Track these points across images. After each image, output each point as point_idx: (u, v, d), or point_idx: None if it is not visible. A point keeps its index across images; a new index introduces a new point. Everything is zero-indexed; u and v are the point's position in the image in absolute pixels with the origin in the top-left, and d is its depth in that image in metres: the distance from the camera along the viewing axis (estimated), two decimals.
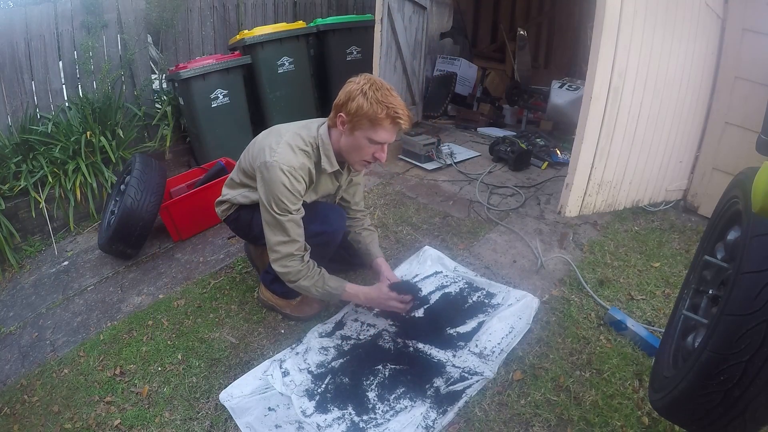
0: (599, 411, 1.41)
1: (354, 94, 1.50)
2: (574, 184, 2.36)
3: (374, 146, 1.57)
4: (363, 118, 1.50)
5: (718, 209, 1.33)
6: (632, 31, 2.14)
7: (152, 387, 1.68)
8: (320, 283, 1.65)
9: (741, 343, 0.87)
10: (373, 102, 1.48)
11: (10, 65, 3.03)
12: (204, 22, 3.81)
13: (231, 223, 1.90)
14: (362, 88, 1.50)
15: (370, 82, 1.51)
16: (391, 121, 1.52)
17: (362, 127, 1.52)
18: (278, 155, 1.54)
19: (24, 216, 2.84)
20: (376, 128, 1.52)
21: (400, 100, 1.53)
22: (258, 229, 1.75)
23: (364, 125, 1.52)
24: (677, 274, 2.01)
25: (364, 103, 1.48)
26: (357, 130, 1.54)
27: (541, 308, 1.82)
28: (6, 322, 2.26)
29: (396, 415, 1.45)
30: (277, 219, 1.56)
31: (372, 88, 1.50)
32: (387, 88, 1.52)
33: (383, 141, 1.56)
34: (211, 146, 3.34)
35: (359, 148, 1.58)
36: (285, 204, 1.55)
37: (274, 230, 1.58)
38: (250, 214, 1.78)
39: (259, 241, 1.91)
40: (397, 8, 3.41)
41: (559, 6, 5.22)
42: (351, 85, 1.54)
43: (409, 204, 2.70)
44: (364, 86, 1.50)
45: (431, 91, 4.30)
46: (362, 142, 1.56)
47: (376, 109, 1.48)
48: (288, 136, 1.62)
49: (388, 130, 1.54)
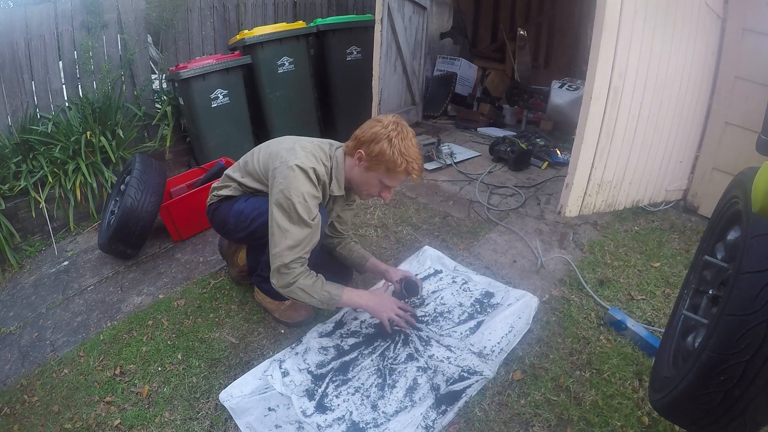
0: (599, 411, 1.42)
1: (379, 138, 1.53)
2: (574, 184, 2.36)
3: (384, 187, 1.63)
4: (382, 164, 1.55)
5: (718, 209, 1.34)
6: (632, 31, 2.14)
7: (152, 387, 1.68)
8: (318, 285, 1.58)
9: (741, 343, 0.87)
10: (396, 153, 1.52)
11: (10, 65, 3.03)
12: (204, 22, 3.81)
13: (209, 213, 1.88)
14: (389, 135, 1.53)
15: (397, 130, 1.55)
16: (406, 174, 1.59)
17: (378, 170, 1.57)
18: (301, 159, 1.53)
19: (24, 216, 2.84)
20: (391, 176, 1.58)
21: (418, 152, 1.59)
22: (232, 223, 1.75)
23: (380, 169, 1.57)
24: (677, 274, 2.01)
25: (387, 151, 1.52)
26: (372, 171, 1.59)
27: (541, 308, 1.82)
28: (6, 322, 2.26)
29: (396, 415, 1.45)
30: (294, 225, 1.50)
31: (398, 137, 1.53)
32: (410, 138, 1.57)
33: (392, 185, 1.63)
34: (211, 146, 3.33)
35: (370, 185, 1.64)
36: (310, 209, 1.51)
37: (286, 235, 1.50)
38: (228, 209, 1.76)
39: (230, 236, 1.91)
40: (397, 8, 3.41)
41: (559, 6, 5.22)
42: (378, 126, 1.56)
43: (409, 204, 2.70)
44: (391, 132, 1.53)
45: (431, 91, 4.30)
46: (374, 181, 1.61)
47: (397, 160, 1.53)
48: (310, 145, 1.63)
49: (401, 180, 1.62)
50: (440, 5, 4.42)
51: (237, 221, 1.73)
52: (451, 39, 4.64)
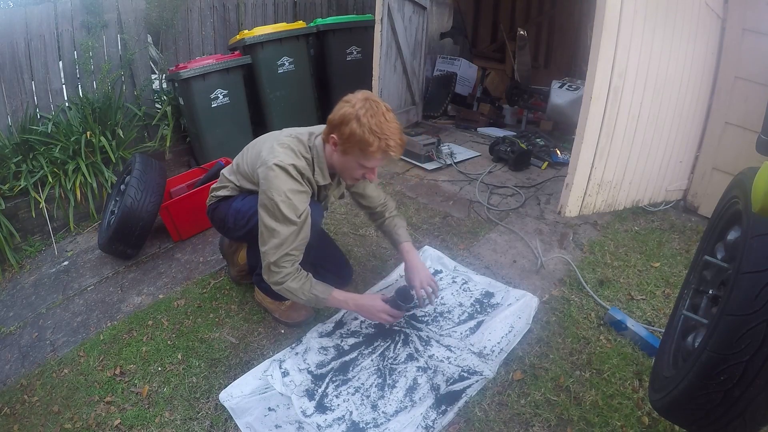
0: (599, 411, 1.42)
1: (348, 119, 1.45)
2: (574, 184, 2.36)
3: (365, 169, 1.55)
4: (355, 146, 1.46)
5: (718, 209, 1.34)
6: (632, 31, 2.14)
7: (152, 387, 1.68)
8: (307, 286, 1.58)
9: (741, 343, 0.87)
10: (366, 131, 1.43)
11: (10, 65, 3.03)
12: (204, 22, 3.81)
13: (209, 213, 1.89)
14: (357, 113, 1.44)
15: (365, 107, 1.44)
16: (382, 153, 1.47)
17: (353, 153, 1.49)
18: (280, 157, 1.51)
19: (24, 216, 2.83)
20: (367, 156, 1.48)
21: (394, 127, 1.47)
22: (231, 222, 1.75)
23: (355, 151, 1.48)
24: (677, 274, 2.01)
25: (357, 131, 1.43)
26: (348, 154, 1.51)
27: (541, 308, 1.82)
28: (6, 322, 2.26)
29: (396, 415, 1.45)
30: (279, 224, 1.49)
31: (367, 115, 1.43)
32: (382, 113, 1.46)
33: (374, 166, 1.55)
34: (211, 146, 3.34)
35: (350, 169, 1.56)
36: (295, 206, 1.49)
37: (272, 234, 1.51)
38: (226, 208, 1.77)
39: (230, 235, 1.90)
40: (397, 8, 3.41)
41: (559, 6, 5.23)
42: (346, 106, 1.47)
43: (409, 204, 2.70)
44: (359, 111, 1.44)
45: (431, 91, 4.30)
46: (352, 164, 1.54)
47: (369, 139, 1.43)
48: (288, 140, 1.58)
49: (379, 159, 1.51)
50: (440, 5, 4.42)
51: (235, 220, 1.74)
52: (451, 39, 4.64)
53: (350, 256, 2.21)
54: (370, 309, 1.66)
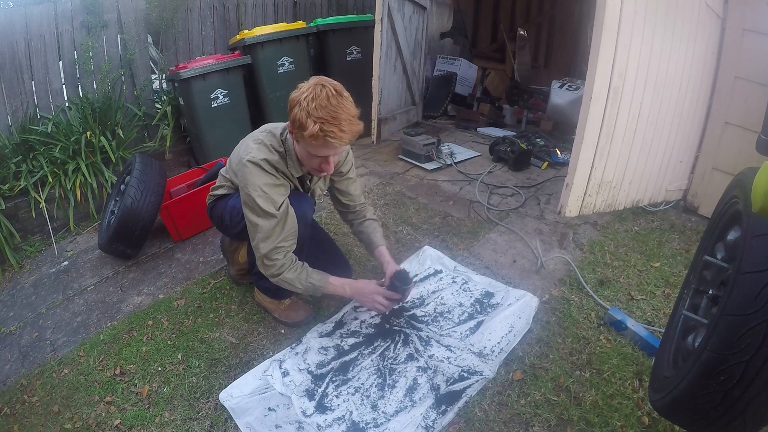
0: (599, 411, 1.41)
1: (293, 103, 1.38)
2: (574, 184, 2.36)
3: (316, 158, 1.48)
4: (298, 130, 1.39)
5: (718, 209, 1.34)
6: (632, 31, 2.14)
7: (152, 387, 1.68)
8: (303, 275, 1.59)
9: (741, 343, 0.87)
10: (304, 115, 1.34)
11: (10, 65, 3.03)
12: (204, 22, 3.81)
13: (209, 211, 1.91)
14: (300, 97, 1.36)
15: (309, 90, 1.36)
16: (322, 139, 1.36)
17: (301, 140, 1.42)
18: (252, 153, 1.50)
19: (24, 216, 2.83)
20: (310, 143, 1.40)
21: (340, 112, 1.35)
22: (227, 219, 1.77)
23: (301, 138, 1.40)
24: (677, 274, 2.01)
25: (297, 115, 1.36)
26: (299, 142, 1.45)
27: (541, 308, 1.82)
28: (6, 322, 2.26)
29: (396, 415, 1.45)
30: (260, 218, 1.50)
31: (308, 98, 1.34)
32: (326, 96, 1.35)
33: (322, 155, 1.46)
34: (211, 146, 3.34)
35: (305, 159, 1.51)
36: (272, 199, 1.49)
37: (256, 229, 1.52)
38: (223, 206, 1.79)
39: (228, 232, 1.92)
40: (397, 8, 3.41)
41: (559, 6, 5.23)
42: (294, 91, 1.41)
43: (409, 204, 2.70)
44: (302, 94, 1.36)
45: (431, 91, 4.30)
46: (305, 153, 1.48)
47: (306, 123, 1.35)
48: (262, 135, 1.59)
49: (320, 146, 1.40)
50: (440, 5, 4.42)
51: (230, 217, 1.76)
52: (451, 39, 4.65)
53: (350, 256, 2.21)
54: (365, 292, 1.66)
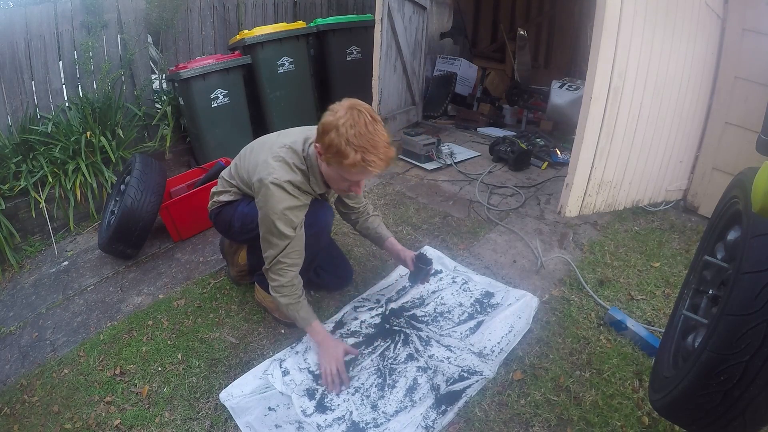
0: (599, 411, 1.42)
1: (329, 128, 1.37)
2: (574, 184, 2.36)
3: (348, 181, 1.49)
4: (333, 157, 1.39)
5: (718, 209, 1.34)
6: (632, 31, 2.14)
7: (152, 387, 1.69)
8: (295, 306, 1.60)
9: (741, 343, 0.87)
10: (344, 143, 1.34)
11: (10, 65, 3.03)
12: (204, 22, 3.81)
13: (213, 217, 1.89)
14: (337, 122, 1.36)
15: (347, 116, 1.36)
16: (360, 167, 1.37)
17: (334, 164, 1.42)
18: (276, 174, 1.48)
19: (24, 216, 2.83)
20: (346, 170, 1.40)
21: (377, 139, 1.37)
22: (237, 226, 1.77)
23: (335, 163, 1.41)
24: (677, 274, 2.01)
25: (335, 141, 1.35)
26: (331, 165, 1.44)
27: (541, 308, 1.82)
28: (6, 322, 2.26)
29: (396, 415, 1.45)
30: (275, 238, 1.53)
31: (346, 125, 1.34)
32: (365, 123, 1.36)
33: (355, 180, 1.48)
34: (211, 146, 3.34)
35: (334, 180, 1.52)
36: (291, 221, 1.51)
37: (270, 246, 1.56)
38: (232, 212, 1.78)
39: (235, 238, 1.93)
40: (397, 8, 3.41)
41: (559, 6, 5.22)
42: (329, 115, 1.40)
43: (409, 204, 2.70)
44: (339, 119, 1.36)
45: (431, 91, 4.30)
46: (335, 176, 1.48)
47: (345, 151, 1.35)
48: (282, 152, 1.55)
49: (358, 173, 1.42)
50: (440, 5, 4.42)
51: (242, 224, 1.75)
52: (451, 39, 4.64)
53: (350, 256, 2.21)
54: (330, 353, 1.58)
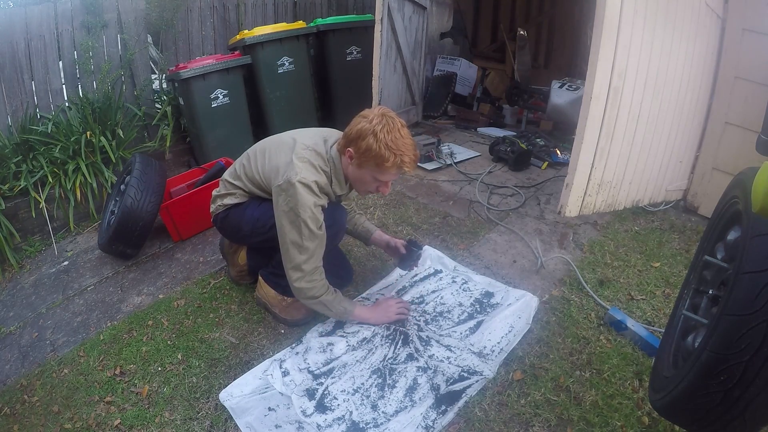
0: (599, 411, 1.42)
1: (365, 134, 1.51)
2: (574, 184, 2.36)
3: (379, 182, 1.62)
4: (371, 160, 1.53)
5: (718, 209, 1.34)
6: (632, 31, 2.14)
7: (152, 387, 1.68)
8: (337, 301, 1.68)
9: (741, 343, 0.87)
10: (383, 147, 1.49)
11: (10, 65, 3.03)
12: (204, 22, 3.81)
13: (218, 221, 1.89)
14: (374, 129, 1.50)
15: (382, 123, 1.51)
16: (397, 168, 1.55)
17: (369, 167, 1.56)
18: (302, 174, 1.53)
19: (24, 216, 2.83)
20: (382, 171, 1.55)
21: (409, 143, 1.54)
22: (248, 230, 1.77)
23: (370, 165, 1.55)
24: (677, 274, 2.01)
25: (373, 146, 1.49)
26: (364, 168, 1.57)
27: (541, 308, 1.82)
28: (6, 322, 2.26)
29: (396, 415, 1.45)
30: (307, 239, 1.54)
31: (384, 130, 1.49)
32: (398, 129, 1.52)
33: (386, 180, 1.61)
34: (211, 146, 3.34)
35: (364, 182, 1.63)
36: (317, 219, 1.55)
37: (301, 250, 1.56)
38: (240, 215, 1.78)
39: (244, 241, 1.94)
40: (397, 8, 3.41)
41: (559, 6, 5.22)
42: (363, 122, 1.53)
43: (409, 204, 2.70)
44: (376, 127, 1.50)
45: (431, 91, 4.30)
46: (368, 178, 1.60)
47: (385, 154, 1.50)
48: (306, 153, 1.60)
49: (394, 174, 1.58)
50: (440, 5, 4.42)
51: (253, 228, 1.76)
52: (451, 39, 4.64)
53: (350, 256, 2.21)
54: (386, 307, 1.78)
